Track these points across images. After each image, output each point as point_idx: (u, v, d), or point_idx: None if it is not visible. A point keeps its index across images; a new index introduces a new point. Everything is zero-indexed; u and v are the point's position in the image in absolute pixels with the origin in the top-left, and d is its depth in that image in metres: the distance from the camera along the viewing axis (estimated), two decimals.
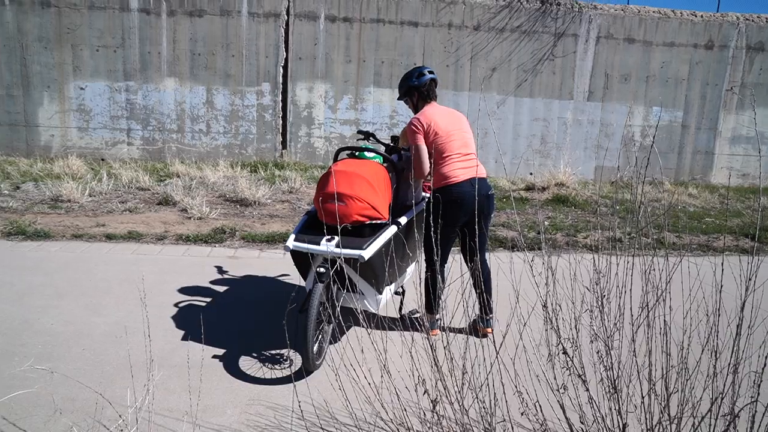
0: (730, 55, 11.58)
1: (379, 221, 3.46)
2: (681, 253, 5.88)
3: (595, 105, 11.42)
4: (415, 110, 3.95)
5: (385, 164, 3.79)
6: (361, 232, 3.43)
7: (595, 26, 11.21)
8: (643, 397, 1.99)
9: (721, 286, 1.90)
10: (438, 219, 3.61)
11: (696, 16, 11.48)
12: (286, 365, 3.39)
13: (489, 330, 3.81)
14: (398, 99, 4.07)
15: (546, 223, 7.25)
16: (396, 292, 3.99)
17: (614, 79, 11.40)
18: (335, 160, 3.98)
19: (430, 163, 3.76)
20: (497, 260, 4.68)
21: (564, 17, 11.09)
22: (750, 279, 2.02)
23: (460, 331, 3.61)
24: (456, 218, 3.74)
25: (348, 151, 4.09)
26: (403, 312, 4.02)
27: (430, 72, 3.91)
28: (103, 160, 10.00)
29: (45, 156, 9.84)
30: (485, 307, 3.81)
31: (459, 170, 3.73)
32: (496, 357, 1.97)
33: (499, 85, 11.06)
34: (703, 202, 9.41)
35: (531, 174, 10.97)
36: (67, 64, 9.90)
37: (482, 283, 3.68)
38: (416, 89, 3.90)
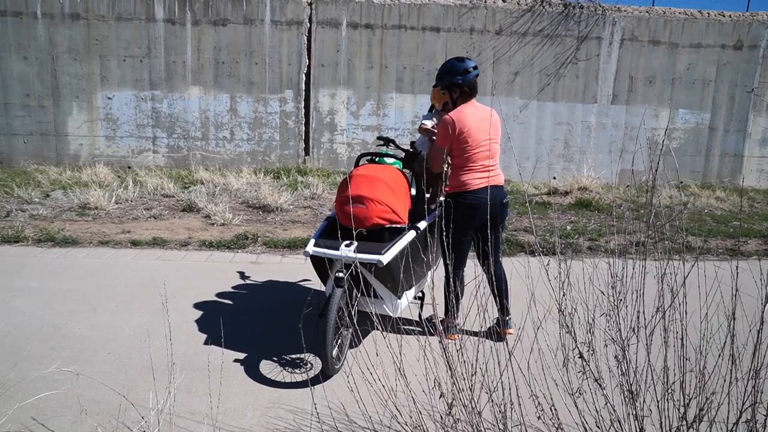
0: (760, 55, 11.33)
1: (398, 225, 3.48)
2: (697, 256, 5.77)
3: (619, 108, 11.27)
4: (453, 105, 3.85)
5: (404, 170, 3.82)
6: (380, 236, 3.46)
7: (618, 28, 11.08)
8: (658, 402, 1.97)
9: (736, 290, 1.87)
10: (450, 224, 3.63)
11: (724, 16, 11.27)
12: (306, 369, 3.42)
13: (509, 331, 3.81)
14: (434, 86, 3.92)
15: (569, 227, 7.17)
16: (416, 297, 4.00)
17: (639, 82, 11.25)
18: (356, 165, 4.02)
19: (448, 164, 3.78)
20: (517, 264, 4.66)
21: (587, 20, 10.99)
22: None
23: (475, 334, 3.61)
24: (469, 224, 3.74)
25: (368, 157, 4.13)
26: (422, 316, 4.03)
27: (475, 68, 3.78)
28: (129, 167, 10.22)
29: (74, 164, 10.10)
30: (503, 310, 3.80)
31: (478, 179, 3.73)
32: (509, 360, 1.97)
33: (521, 89, 11.00)
34: (731, 205, 9.21)
35: (554, 178, 10.87)
36: (95, 75, 10.16)
37: (497, 286, 3.68)
38: (459, 86, 3.77)
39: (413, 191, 3.95)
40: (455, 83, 3.76)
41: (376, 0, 10.50)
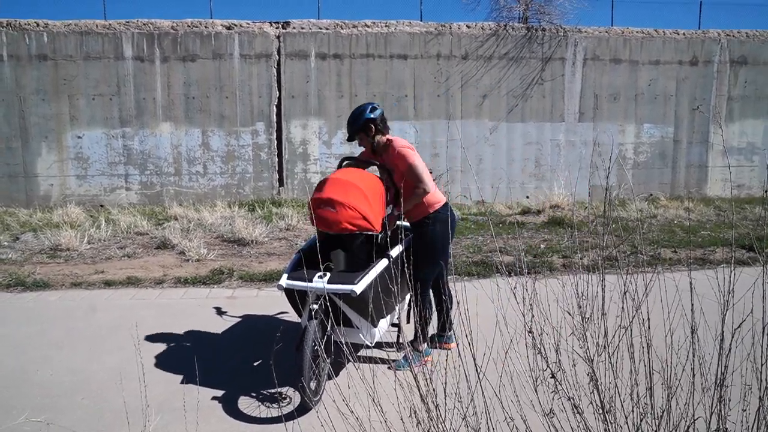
0: (715, 70, 11.76)
1: (370, 232, 3.48)
2: (658, 270, 5.89)
3: (586, 126, 11.55)
4: (373, 145, 3.96)
5: (383, 180, 3.85)
6: (350, 242, 3.46)
7: (581, 49, 11.41)
8: (626, 418, 2.00)
9: (693, 304, 1.93)
10: (437, 242, 3.70)
11: (679, 34, 11.70)
12: (285, 403, 3.39)
13: (452, 345, 4.04)
14: (349, 140, 4.03)
15: (542, 246, 7.27)
16: (393, 324, 4.01)
17: (603, 99, 11.56)
18: (338, 168, 4.07)
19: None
20: (491, 285, 4.69)
21: (550, 42, 11.30)
22: (730, 292, 2.05)
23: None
24: (452, 237, 3.91)
25: (349, 162, 4.14)
26: (400, 342, 4.03)
27: (376, 107, 3.94)
28: (102, 206, 10.10)
29: (44, 205, 9.95)
30: (449, 325, 4.07)
31: (443, 195, 3.94)
32: (479, 382, 1.99)
33: (490, 111, 11.21)
34: (699, 215, 9.44)
35: (527, 197, 11.04)
36: (64, 114, 10.09)
37: (450, 302, 4.00)
38: (373, 122, 3.89)
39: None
40: (369, 119, 3.88)
41: (344, 30, 10.68)
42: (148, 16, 10.31)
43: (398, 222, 3.88)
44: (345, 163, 4.18)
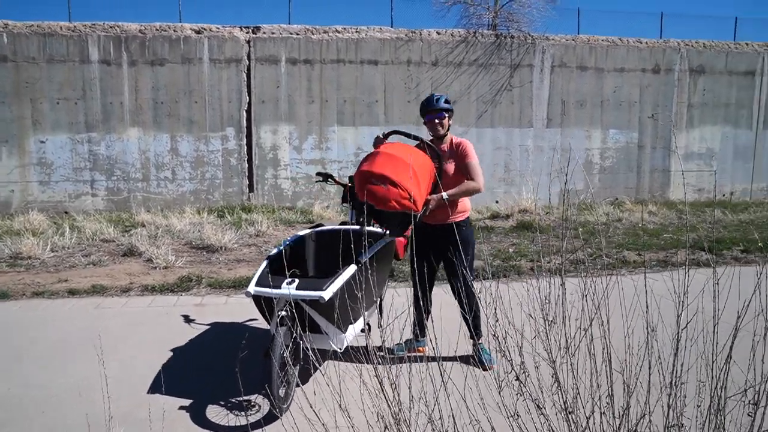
0: (676, 78, 12.11)
1: (411, 212, 3.45)
2: (614, 272, 6.03)
3: (554, 131, 11.76)
4: (440, 131, 4.00)
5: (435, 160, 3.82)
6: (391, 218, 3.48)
7: (548, 56, 11.62)
8: (588, 418, 2.05)
9: (648, 305, 1.99)
10: (472, 246, 3.90)
11: (642, 43, 12.02)
12: (254, 411, 3.37)
13: (423, 349, 4.10)
14: (430, 116, 4.02)
15: (511, 250, 7.37)
16: (362, 330, 4.01)
17: (570, 106, 11.79)
18: (384, 139, 3.97)
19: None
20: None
21: (518, 49, 11.49)
22: (685, 293, 2.13)
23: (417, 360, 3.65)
24: None
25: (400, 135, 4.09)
26: (369, 347, 4.04)
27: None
28: (66, 213, 9.88)
29: (4, 212, 9.68)
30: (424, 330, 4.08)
31: None
32: (444, 385, 2.02)
33: (460, 117, 11.31)
34: (662, 218, 9.69)
35: (497, 202, 11.17)
36: (26, 118, 9.84)
37: (431, 308, 3.99)
38: (451, 112, 4.02)
39: (355, 225, 4.00)
40: (451, 110, 4.03)
41: (314, 36, 10.68)
42: (115, 18, 10.16)
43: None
44: (390, 135, 4.06)
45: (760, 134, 12.79)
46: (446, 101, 4.01)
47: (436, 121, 3.98)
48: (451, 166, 3.97)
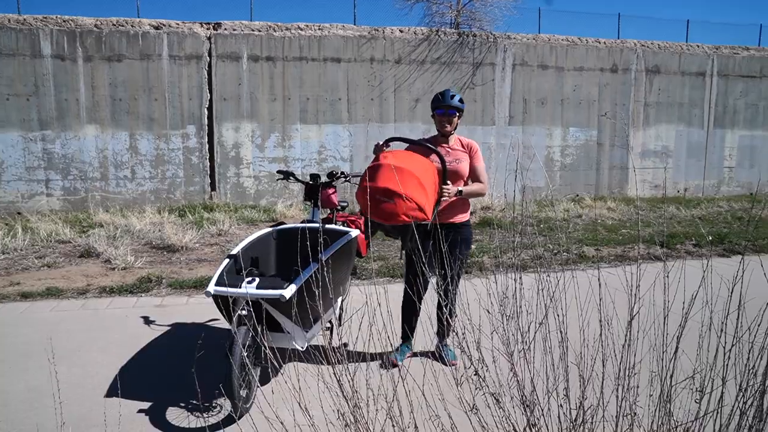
0: (632, 78, 12.45)
1: (423, 222, 3.42)
2: (577, 267, 6.18)
3: (516, 129, 11.94)
4: (447, 130, 3.90)
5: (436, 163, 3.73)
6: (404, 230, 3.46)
7: (510, 55, 11.79)
8: (542, 410, 2.10)
9: (600, 299, 2.04)
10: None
11: (600, 43, 12.30)
12: (216, 412, 3.33)
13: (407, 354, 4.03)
14: (441, 112, 3.89)
15: (473, 246, 7.45)
16: (326, 328, 4.01)
17: (532, 104, 11.99)
18: (383, 146, 3.76)
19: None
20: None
21: (481, 47, 11.62)
22: (637, 286, 2.19)
23: (376, 358, 3.66)
24: None
25: (397, 142, 3.93)
26: (333, 345, 4.03)
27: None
28: (19, 214, 9.53)
29: None
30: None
31: None
32: (403, 381, 2.03)
33: (423, 115, 11.38)
34: (620, 214, 9.95)
35: None
36: None
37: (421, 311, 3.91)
38: (461, 113, 3.93)
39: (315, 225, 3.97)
40: (462, 110, 3.95)
41: (276, 33, 10.58)
42: (68, 12, 9.85)
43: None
44: (390, 142, 3.86)
45: (711, 133, 13.26)
46: (460, 100, 3.93)
47: (447, 117, 3.89)
48: (464, 166, 3.88)
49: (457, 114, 3.93)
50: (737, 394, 1.94)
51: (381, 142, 3.76)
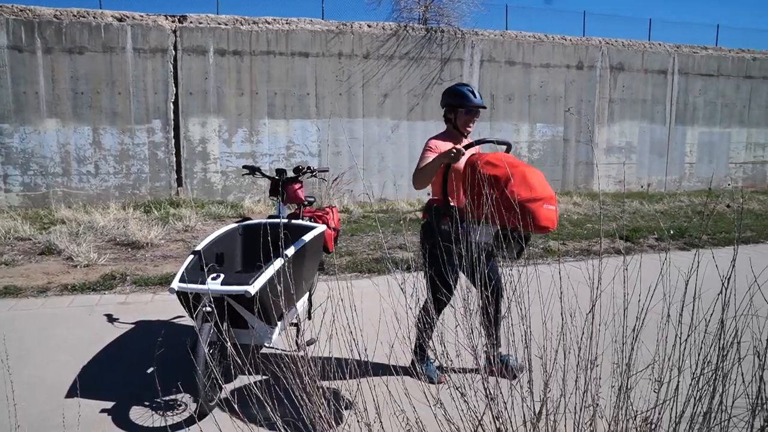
0: (598, 75, 12.67)
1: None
2: (543, 260, 6.29)
3: (484, 125, 12.02)
4: (459, 127, 3.71)
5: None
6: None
7: (478, 51, 11.87)
8: (506, 403, 2.12)
9: (561, 292, 2.08)
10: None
11: (566, 40, 12.48)
12: (181, 410, 3.28)
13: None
14: (468, 111, 3.66)
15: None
16: (292, 323, 3.98)
17: (500, 100, 12.11)
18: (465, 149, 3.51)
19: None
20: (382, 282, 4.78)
21: (449, 43, 11.67)
22: (599, 279, 2.24)
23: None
24: None
25: (490, 143, 3.71)
26: (299, 342, 4.01)
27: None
28: None
29: None
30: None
31: None
32: (363, 378, 2.03)
33: (392, 110, 11.39)
34: (586, 209, 10.14)
35: (428, 195, 11.30)
36: None
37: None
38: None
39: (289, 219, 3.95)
40: (480, 105, 3.71)
41: (243, 26, 10.43)
42: (25, 1, 9.53)
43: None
44: (472, 145, 3.67)
45: (672, 129, 13.61)
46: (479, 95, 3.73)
47: (474, 116, 3.71)
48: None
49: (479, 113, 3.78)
50: (691, 382, 2.00)
51: (458, 148, 3.44)
